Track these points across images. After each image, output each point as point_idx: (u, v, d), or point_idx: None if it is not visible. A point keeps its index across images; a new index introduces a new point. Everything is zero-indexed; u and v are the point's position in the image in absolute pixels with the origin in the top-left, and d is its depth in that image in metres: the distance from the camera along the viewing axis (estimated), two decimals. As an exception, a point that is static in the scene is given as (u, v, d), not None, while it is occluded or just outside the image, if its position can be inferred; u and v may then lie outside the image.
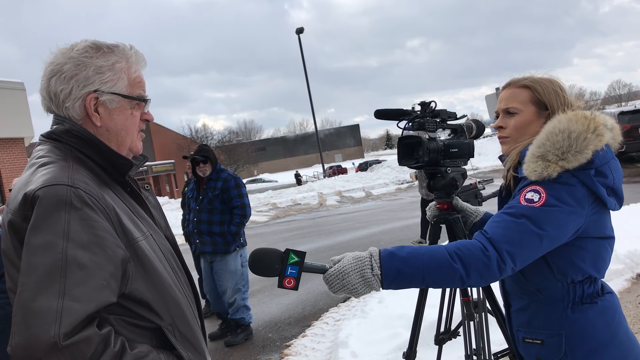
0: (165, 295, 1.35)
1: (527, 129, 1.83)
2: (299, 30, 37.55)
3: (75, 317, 1.11)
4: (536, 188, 1.67)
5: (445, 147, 2.18)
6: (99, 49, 1.42)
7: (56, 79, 1.38)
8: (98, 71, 1.39)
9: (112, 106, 1.42)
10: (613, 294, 1.80)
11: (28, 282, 1.13)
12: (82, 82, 1.38)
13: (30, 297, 1.12)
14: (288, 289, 1.58)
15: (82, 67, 1.38)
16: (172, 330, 1.35)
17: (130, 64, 1.47)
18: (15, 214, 1.24)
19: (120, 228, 1.29)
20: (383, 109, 2.23)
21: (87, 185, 1.26)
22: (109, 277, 1.19)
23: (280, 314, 6.25)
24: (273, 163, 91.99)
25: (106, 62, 1.41)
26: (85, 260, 1.16)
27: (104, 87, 1.40)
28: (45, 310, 1.10)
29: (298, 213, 19.16)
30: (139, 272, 1.29)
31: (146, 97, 1.50)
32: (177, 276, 1.46)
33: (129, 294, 1.26)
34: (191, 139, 55.37)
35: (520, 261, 1.61)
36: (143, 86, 1.50)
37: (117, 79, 1.42)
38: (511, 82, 1.90)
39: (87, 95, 1.38)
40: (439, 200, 2.25)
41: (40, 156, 1.36)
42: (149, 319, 1.31)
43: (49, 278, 1.12)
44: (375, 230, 11.86)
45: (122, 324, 1.26)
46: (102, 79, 1.40)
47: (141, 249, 1.32)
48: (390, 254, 1.59)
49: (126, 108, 1.45)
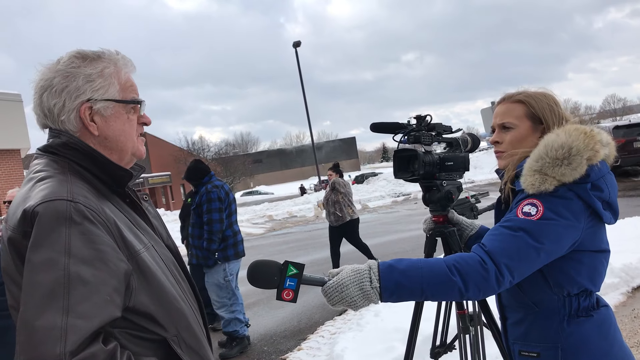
0: (169, 306, 1.34)
1: (522, 143, 1.84)
2: (296, 43, 37.69)
3: (81, 335, 1.09)
4: (533, 201, 1.68)
5: (440, 160, 2.19)
6: (84, 57, 1.40)
7: (47, 94, 1.37)
8: (88, 79, 1.38)
9: (107, 113, 1.40)
10: (608, 307, 1.80)
11: (31, 300, 1.11)
12: (73, 93, 1.36)
13: (34, 316, 1.10)
14: (286, 301, 1.58)
15: (72, 78, 1.37)
16: (178, 342, 1.33)
17: (118, 68, 1.45)
18: (14, 231, 1.22)
19: (122, 241, 1.27)
20: (379, 123, 2.25)
21: (87, 199, 1.25)
22: (112, 292, 1.18)
23: (275, 327, 6.21)
24: (269, 175, 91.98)
25: (94, 70, 1.39)
26: (88, 276, 1.15)
27: (96, 95, 1.38)
28: (50, 328, 1.08)
29: (294, 225, 19.14)
30: (142, 284, 1.28)
31: (140, 100, 1.48)
32: (181, 286, 1.45)
33: (133, 307, 1.25)
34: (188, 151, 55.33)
35: (518, 274, 1.62)
36: (135, 89, 1.49)
37: (108, 84, 1.40)
38: (505, 97, 1.92)
39: (80, 106, 1.37)
40: (434, 213, 2.26)
41: (37, 170, 1.34)
42: (154, 331, 1.29)
43: (52, 295, 1.11)
44: (371, 243, 11.79)
45: (127, 337, 1.25)
46: (93, 87, 1.38)
47: (143, 261, 1.31)
48: (389, 267, 1.59)
49: (122, 113, 1.43)
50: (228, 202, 5.52)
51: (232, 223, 5.53)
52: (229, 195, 5.56)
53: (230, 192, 5.62)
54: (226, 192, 5.54)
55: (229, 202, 5.54)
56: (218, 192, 5.44)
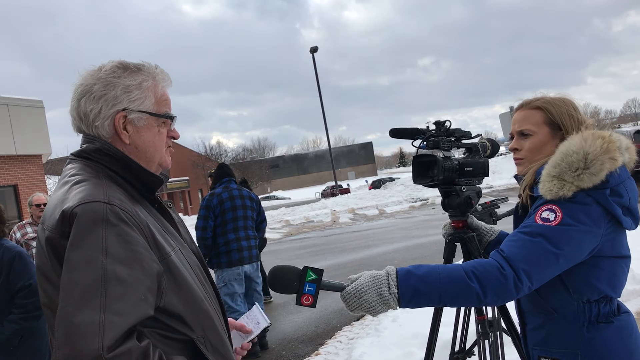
0: (196, 307, 1.37)
1: (541, 150, 1.84)
2: (313, 49, 37.90)
3: (117, 331, 1.13)
4: (552, 207, 1.68)
5: (460, 165, 2.20)
6: (126, 68, 1.46)
7: (86, 99, 1.42)
8: (126, 90, 1.43)
9: (140, 124, 1.45)
10: (629, 314, 1.79)
11: (70, 298, 1.16)
12: (111, 102, 1.41)
13: (72, 312, 1.14)
14: (306, 306, 1.60)
15: (111, 87, 1.42)
16: (204, 342, 1.37)
17: (156, 82, 1.50)
18: (53, 231, 1.26)
19: (154, 243, 1.32)
20: (398, 128, 2.26)
21: (122, 202, 1.29)
22: (146, 291, 1.22)
23: (293, 332, 6.23)
24: (286, 180, 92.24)
25: (133, 82, 1.45)
26: (124, 275, 1.19)
27: (132, 106, 1.43)
28: (88, 324, 1.12)
29: (311, 230, 19.16)
30: (171, 285, 1.32)
31: (172, 115, 1.54)
32: (205, 289, 1.49)
33: (163, 307, 1.29)
34: (206, 156, 55.74)
35: (536, 280, 1.62)
36: (169, 104, 1.54)
37: (144, 97, 1.45)
38: (524, 103, 1.92)
39: (116, 114, 1.41)
40: (453, 218, 2.26)
41: (73, 174, 1.39)
42: (181, 331, 1.33)
43: (90, 293, 1.15)
44: (388, 249, 11.82)
45: (156, 337, 1.28)
46: (130, 98, 1.43)
47: (173, 263, 1.35)
48: (408, 273, 1.60)
49: (153, 126, 1.48)
50: (221, 210, 5.46)
51: (226, 231, 5.44)
52: (224, 204, 5.47)
53: (227, 201, 5.50)
54: (221, 200, 5.49)
55: (223, 210, 5.46)
56: (208, 200, 5.49)
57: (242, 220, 5.55)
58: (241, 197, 5.60)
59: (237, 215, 5.51)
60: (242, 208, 5.58)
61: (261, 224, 5.91)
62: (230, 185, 5.67)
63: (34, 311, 3.29)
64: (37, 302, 3.31)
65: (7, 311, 3.25)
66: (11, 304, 3.26)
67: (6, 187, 16.07)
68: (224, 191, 5.56)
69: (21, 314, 3.26)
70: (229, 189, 5.61)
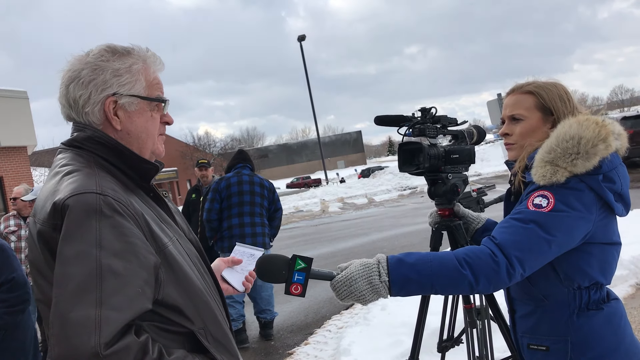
0: (196, 299, 1.33)
1: (533, 135, 1.82)
2: (300, 37, 37.67)
3: (114, 326, 1.09)
4: (544, 193, 1.66)
5: (446, 153, 2.16)
6: (114, 51, 1.40)
7: (74, 85, 1.37)
8: (115, 74, 1.37)
9: (131, 109, 1.40)
10: (618, 300, 1.78)
11: (64, 293, 1.11)
12: (100, 86, 1.36)
13: (67, 308, 1.10)
14: (295, 295, 1.57)
15: (100, 71, 1.37)
16: (205, 334, 1.33)
17: (147, 65, 1.45)
18: (44, 224, 1.22)
19: (150, 234, 1.27)
20: (383, 115, 2.22)
21: (116, 192, 1.25)
22: (143, 284, 1.18)
23: (282, 322, 6.22)
24: (275, 170, 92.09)
25: (123, 65, 1.39)
26: (120, 268, 1.15)
27: (122, 90, 1.38)
28: (84, 320, 1.08)
29: (300, 220, 19.17)
30: (169, 277, 1.28)
31: (165, 98, 1.48)
32: (205, 280, 1.44)
33: (162, 300, 1.25)
34: (194, 147, 55.50)
35: (529, 267, 1.60)
36: (161, 88, 1.48)
37: (134, 81, 1.40)
38: (515, 88, 1.89)
39: (105, 99, 1.36)
40: (440, 206, 2.24)
41: (63, 164, 1.34)
42: (181, 323, 1.29)
43: (85, 287, 1.11)
44: (377, 237, 11.84)
45: (155, 330, 1.24)
46: (120, 82, 1.38)
47: (171, 254, 1.31)
48: (398, 261, 1.58)
49: (145, 110, 1.43)
50: (228, 194, 5.49)
51: (230, 216, 5.47)
52: (231, 188, 5.50)
53: (234, 186, 5.52)
54: (228, 184, 5.52)
55: (229, 194, 5.49)
56: (217, 184, 5.57)
57: (249, 205, 5.52)
58: (250, 183, 5.58)
59: (243, 200, 5.51)
60: (250, 194, 5.55)
61: (276, 212, 5.83)
62: (243, 171, 5.68)
63: (18, 305, 3.23)
64: (21, 296, 3.25)
65: (-11, 306, 3.18)
66: None
67: (-9, 180, 15.90)
68: (234, 176, 5.60)
69: (4, 309, 3.19)
70: (240, 174, 5.63)
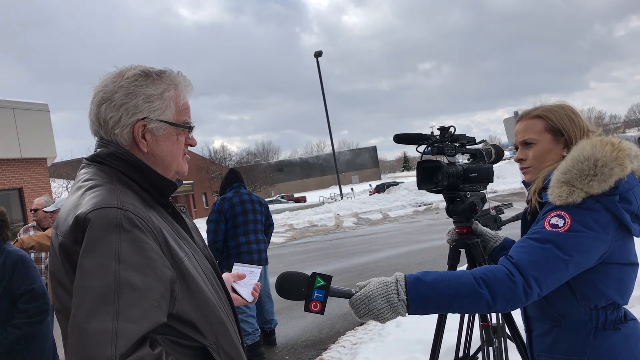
0: (209, 314, 1.36)
1: (546, 157, 1.85)
2: (317, 53, 37.92)
3: (131, 338, 1.12)
4: (561, 213, 1.68)
5: (464, 171, 2.19)
6: (148, 76, 1.44)
7: (106, 106, 1.41)
8: (147, 100, 1.41)
9: (159, 133, 1.44)
10: (636, 321, 1.78)
11: (83, 304, 1.15)
12: (131, 110, 1.40)
13: (85, 319, 1.13)
14: (314, 312, 1.59)
15: (132, 96, 1.40)
16: (217, 349, 1.35)
17: (178, 91, 1.49)
18: (66, 237, 1.25)
19: (167, 249, 1.31)
20: (402, 134, 2.25)
21: (135, 207, 1.29)
22: (159, 298, 1.21)
23: (297, 337, 6.22)
24: (290, 184, 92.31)
25: (155, 91, 1.43)
26: (137, 282, 1.18)
27: (152, 115, 1.42)
28: (101, 331, 1.11)
29: (315, 234, 19.15)
30: (184, 292, 1.31)
31: (192, 125, 1.52)
32: (219, 295, 1.47)
33: (176, 314, 1.28)
34: (210, 160, 55.84)
35: (546, 286, 1.61)
36: (189, 112, 1.52)
37: (165, 107, 1.44)
38: (523, 114, 1.93)
39: (135, 123, 1.40)
40: (458, 224, 2.26)
41: (86, 179, 1.38)
42: (194, 338, 1.32)
43: (103, 300, 1.14)
44: (392, 253, 11.79)
45: (169, 344, 1.27)
46: (151, 108, 1.42)
47: (186, 269, 1.34)
48: (416, 280, 1.60)
49: (172, 134, 1.47)
50: (232, 214, 5.60)
51: (237, 234, 5.58)
52: (235, 208, 5.62)
53: (238, 206, 5.63)
54: (232, 204, 5.63)
55: (234, 214, 5.60)
56: (220, 205, 5.64)
57: (252, 224, 5.69)
58: (251, 202, 5.76)
59: (248, 219, 5.65)
60: (252, 212, 5.72)
61: (269, 227, 6.03)
62: (240, 190, 5.83)
63: (37, 316, 3.29)
64: (41, 307, 3.30)
65: (10, 316, 3.24)
66: (14, 309, 3.26)
67: (11, 190, 16.14)
68: (235, 196, 5.73)
69: (24, 319, 3.25)
70: (239, 193, 5.77)
